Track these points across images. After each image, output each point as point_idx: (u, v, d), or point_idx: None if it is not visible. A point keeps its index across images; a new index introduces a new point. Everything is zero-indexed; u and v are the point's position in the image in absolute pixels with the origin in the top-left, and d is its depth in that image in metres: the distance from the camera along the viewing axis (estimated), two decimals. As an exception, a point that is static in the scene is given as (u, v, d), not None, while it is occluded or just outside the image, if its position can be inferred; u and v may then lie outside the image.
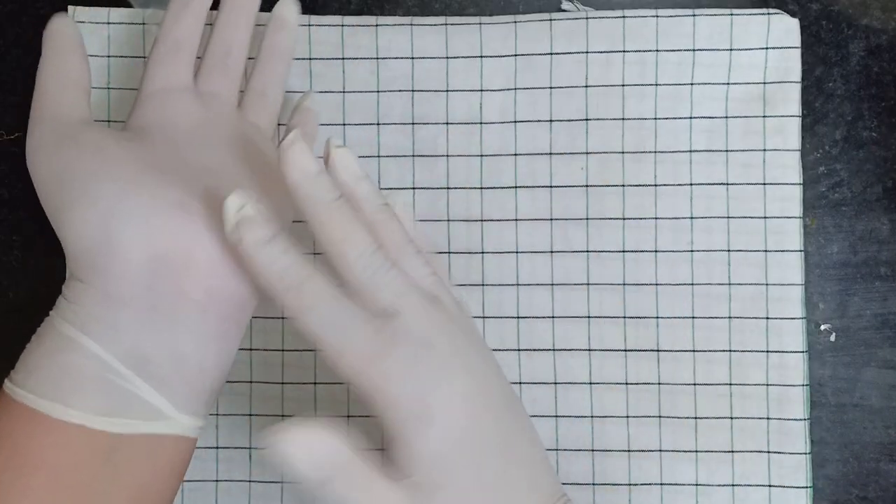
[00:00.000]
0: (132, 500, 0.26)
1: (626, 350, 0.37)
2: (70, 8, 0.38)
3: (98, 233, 0.26)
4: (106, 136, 0.28)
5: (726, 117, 0.37)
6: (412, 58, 0.37)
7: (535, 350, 0.37)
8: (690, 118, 0.37)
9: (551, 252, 0.37)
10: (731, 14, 0.37)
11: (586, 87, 0.37)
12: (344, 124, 0.38)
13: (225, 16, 0.33)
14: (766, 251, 0.37)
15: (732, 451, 0.37)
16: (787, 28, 0.37)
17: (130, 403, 0.25)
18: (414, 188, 0.38)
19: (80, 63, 0.30)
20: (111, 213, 0.26)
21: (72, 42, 0.30)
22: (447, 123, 0.38)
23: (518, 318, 0.37)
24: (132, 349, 0.26)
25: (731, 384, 0.37)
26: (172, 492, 0.28)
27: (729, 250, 0.37)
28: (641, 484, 0.37)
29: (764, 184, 0.37)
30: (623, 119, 0.37)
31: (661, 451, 0.37)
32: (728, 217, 0.37)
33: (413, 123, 0.37)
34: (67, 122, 0.29)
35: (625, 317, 0.37)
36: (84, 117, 0.29)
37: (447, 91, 0.37)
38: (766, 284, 0.37)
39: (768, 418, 0.36)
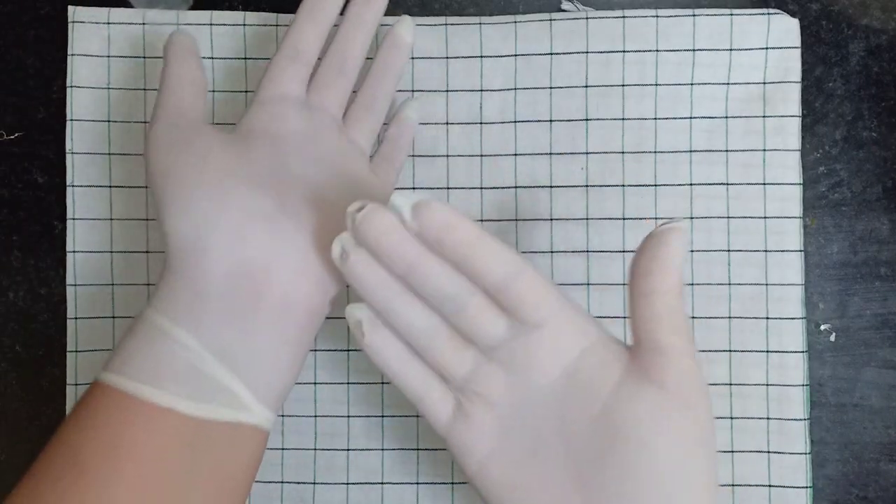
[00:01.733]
0: (215, 487, 0.27)
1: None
2: (70, 8, 0.38)
3: (192, 234, 0.28)
4: (213, 141, 0.30)
5: (726, 117, 0.37)
6: (412, 58, 0.37)
7: (535, 350, 0.37)
8: (690, 118, 0.37)
9: (551, 252, 0.37)
10: (731, 14, 0.37)
11: (586, 87, 0.37)
12: (344, 124, 0.38)
13: (344, 30, 0.33)
14: (766, 251, 0.37)
15: (732, 451, 0.37)
16: (787, 28, 0.37)
17: (215, 391, 0.27)
18: (414, 188, 0.38)
19: (197, 68, 0.32)
20: (205, 218, 0.28)
21: (190, 50, 0.32)
22: (447, 123, 0.38)
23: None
24: (216, 342, 0.27)
25: (730, 384, 0.37)
26: (249, 483, 0.29)
27: (729, 250, 0.37)
28: (641, 484, 0.37)
29: (764, 184, 0.37)
30: (623, 119, 0.37)
31: (661, 451, 0.37)
32: (728, 217, 0.37)
33: (413, 123, 0.38)
34: (184, 119, 0.30)
35: (625, 317, 0.37)
36: (199, 115, 0.31)
37: (447, 91, 0.37)
38: (766, 284, 0.37)
39: (768, 418, 0.36)
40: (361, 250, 0.27)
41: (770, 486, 0.36)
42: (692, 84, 0.37)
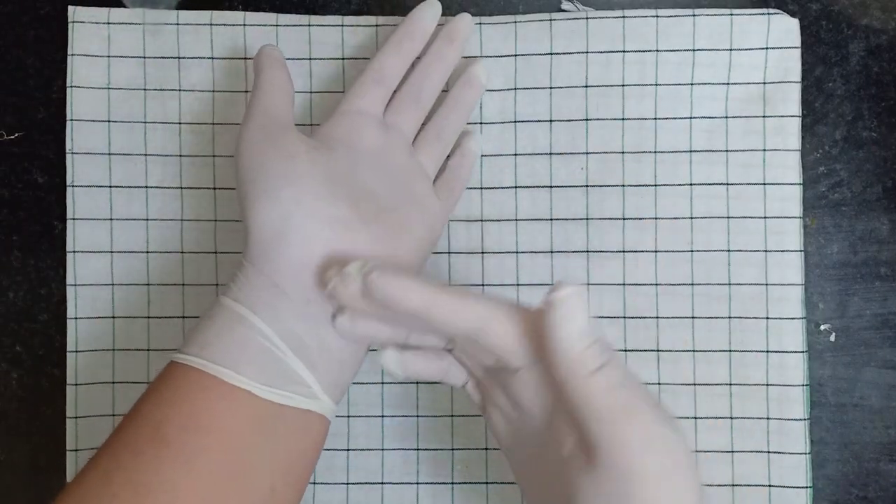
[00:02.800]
0: (285, 466, 0.29)
1: (626, 350, 0.37)
2: (70, 8, 0.38)
3: (277, 226, 0.30)
4: (300, 143, 0.32)
5: (726, 117, 0.37)
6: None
7: (535, 350, 0.37)
8: (690, 118, 0.37)
9: (551, 252, 0.37)
10: (731, 14, 0.37)
11: (586, 87, 0.37)
12: (344, 124, 0.38)
13: (425, 64, 0.36)
14: (766, 251, 0.37)
15: (732, 451, 0.37)
16: (787, 28, 0.37)
17: (289, 378, 0.29)
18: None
19: (286, 75, 0.34)
20: (288, 215, 0.30)
21: (279, 60, 0.34)
22: (447, 123, 0.38)
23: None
24: (290, 332, 0.29)
25: (730, 384, 0.37)
26: (312, 466, 0.31)
27: (729, 250, 0.37)
28: (641, 484, 0.37)
29: (764, 184, 0.37)
30: (623, 119, 0.37)
31: (661, 451, 0.37)
32: (728, 217, 0.37)
33: (413, 123, 0.38)
34: (274, 122, 0.32)
35: (625, 317, 0.37)
36: (288, 118, 0.33)
37: (447, 91, 0.37)
38: (766, 284, 0.37)
39: (768, 418, 0.36)
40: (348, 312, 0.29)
41: (770, 486, 0.36)
42: (692, 84, 0.37)
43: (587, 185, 0.37)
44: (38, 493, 0.38)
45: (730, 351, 0.37)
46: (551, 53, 0.37)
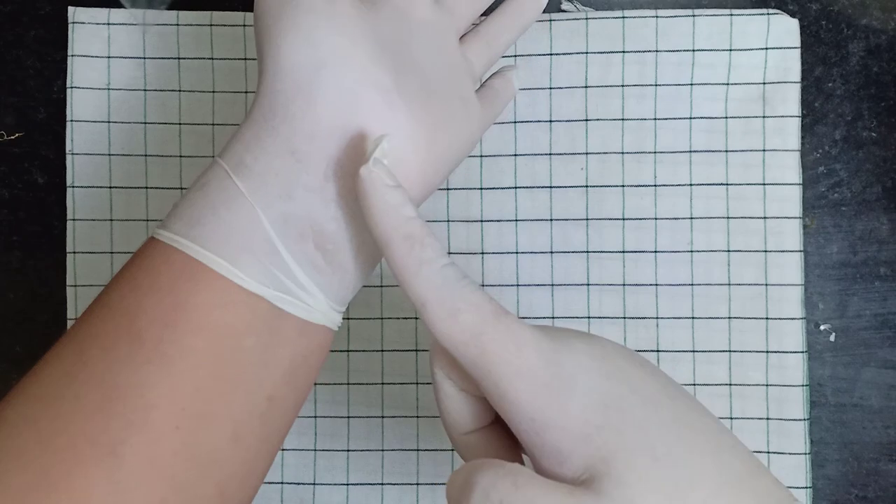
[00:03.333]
0: (284, 378, 0.25)
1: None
2: (70, 9, 0.38)
3: (303, 78, 0.24)
4: None
5: (726, 117, 0.37)
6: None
7: (535, 350, 0.37)
8: (690, 118, 0.37)
9: (551, 252, 0.37)
10: (731, 14, 0.37)
11: (586, 87, 0.37)
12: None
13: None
14: (765, 251, 0.37)
15: (732, 451, 0.37)
16: (786, 28, 0.37)
17: (289, 280, 0.24)
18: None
19: None
20: (322, 64, 0.24)
21: None
22: (447, 124, 0.38)
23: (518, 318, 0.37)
24: (299, 216, 0.24)
25: (730, 384, 0.37)
26: (311, 383, 0.26)
27: (728, 250, 0.37)
28: (641, 484, 0.37)
29: (763, 184, 0.37)
30: (623, 119, 0.37)
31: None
32: (728, 217, 0.37)
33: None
34: None
35: (625, 317, 0.37)
36: None
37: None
38: (766, 284, 0.37)
39: (768, 418, 0.36)
40: None
41: (770, 486, 0.36)
42: (692, 84, 0.37)
43: (587, 186, 0.37)
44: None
45: (730, 351, 0.37)
46: (551, 54, 0.37)
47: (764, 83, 0.37)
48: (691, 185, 0.37)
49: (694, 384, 0.37)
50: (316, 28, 0.24)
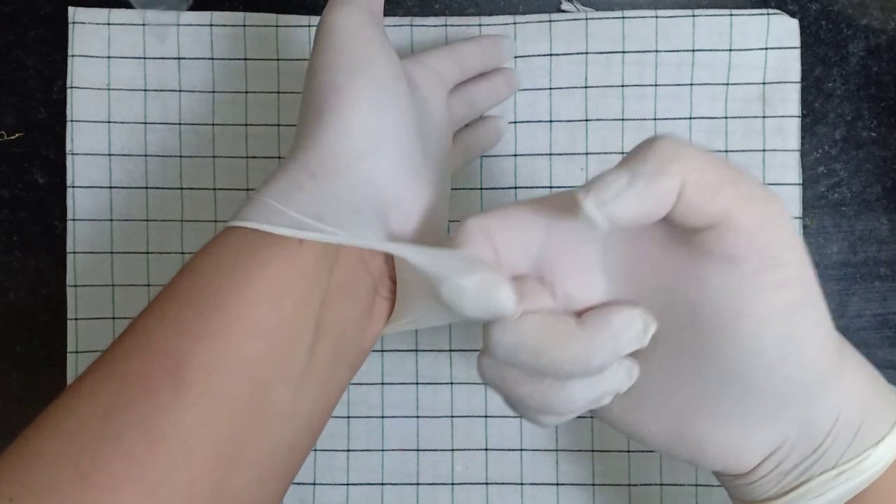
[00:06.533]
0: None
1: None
2: (70, 9, 0.38)
3: (367, 145, 0.26)
4: (398, 62, 0.28)
5: (726, 118, 0.37)
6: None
7: (535, 350, 0.37)
8: (690, 118, 0.37)
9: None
10: (731, 14, 0.37)
11: (586, 87, 0.37)
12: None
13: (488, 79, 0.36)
14: (765, 251, 0.37)
15: (732, 451, 0.37)
16: (786, 28, 0.37)
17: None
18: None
19: None
20: (386, 135, 0.26)
21: None
22: (447, 124, 0.38)
23: (518, 318, 0.37)
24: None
25: (730, 384, 0.37)
26: (323, 427, 0.27)
27: (729, 250, 0.37)
28: (641, 484, 0.37)
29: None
30: (623, 119, 0.37)
31: (661, 451, 0.37)
32: (728, 217, 0.37)
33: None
34: (376, 16, 0.28)
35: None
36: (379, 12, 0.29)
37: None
38: (766, 284, 0.37)
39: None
40: None
41: (770, 486, 0.36)
42: (692, 84, 0.37)
43: (587, 186, 0.37)
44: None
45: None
46: (551, 54, 0.37)
47: (764, 83, 0.37)
48: (691, 185, 0.37)
49: (694, 384, 0.37)
50: (384, 104, 0.26)
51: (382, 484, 0.37)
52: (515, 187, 0.37)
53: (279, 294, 0.24)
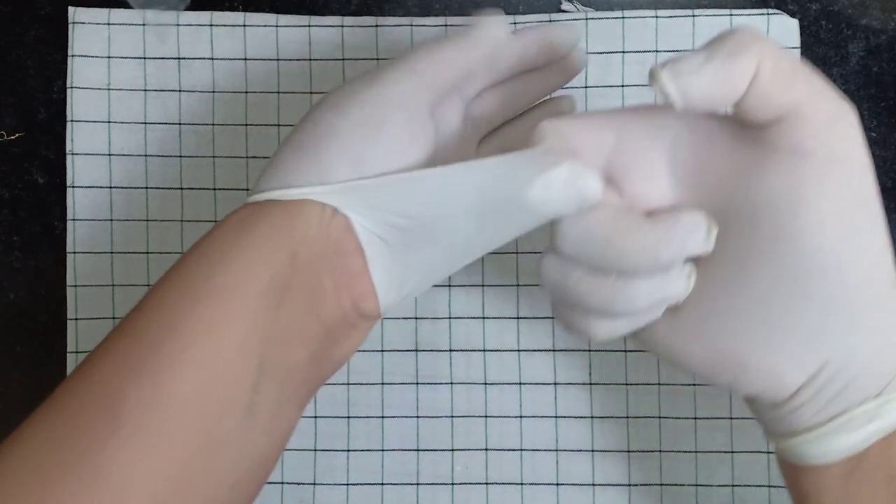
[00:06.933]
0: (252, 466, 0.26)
1: (625, 350, 0.37)
2: (70, 9, 0.38)
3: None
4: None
5: (726, 117, 0.37)
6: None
7: (535, 350, 0.37)
8: (690, 118, 0.37)
9: (551, 252, 0.37)
10: (731, 14, 0.37)
11: (586, 87, 0.37)
12: (344, 125, 0.38)
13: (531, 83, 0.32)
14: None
15: (732, 452, 0.37)
16: (786, 28, 0.37)
17: None
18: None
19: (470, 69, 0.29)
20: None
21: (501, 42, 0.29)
22: (447, 124, 0.37)
23: (518, 318, 0.37)
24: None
25: (730, 384, 0.37)
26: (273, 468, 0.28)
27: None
28: (641, 484, 0.37)
29: (764, 184, 0.37)
30: (623, 119, 0.37)
31: (661, 451, 0.37)
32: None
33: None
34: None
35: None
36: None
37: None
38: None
39: (768, 418, 0.36)
40: None
41: (770, 486, 0.36)
42: (692, 84, 0.37)
43: (587, 186, 0.37)
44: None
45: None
46: (551, 54, 0.37)
47: (764, 83, 0.37)
48: (691, 185, 0.37)
49: (694, 384, 0.37)
50: (400, 145, 0.26)
51: (382, 484, 0.37)
52: (515, 187, 0.37)
53: (212, 330, 0.24)
